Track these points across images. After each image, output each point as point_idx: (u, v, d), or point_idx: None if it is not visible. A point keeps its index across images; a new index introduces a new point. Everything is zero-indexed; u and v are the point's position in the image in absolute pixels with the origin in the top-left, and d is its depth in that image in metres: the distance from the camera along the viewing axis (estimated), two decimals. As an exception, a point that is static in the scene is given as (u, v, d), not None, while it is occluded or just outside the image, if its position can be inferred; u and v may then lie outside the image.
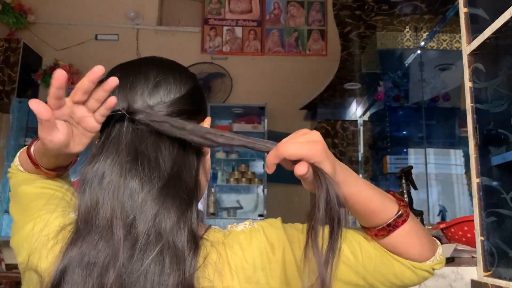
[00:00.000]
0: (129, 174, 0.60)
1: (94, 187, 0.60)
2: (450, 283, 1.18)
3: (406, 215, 0.64)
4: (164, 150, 0.62)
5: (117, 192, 0.59)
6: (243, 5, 4.98)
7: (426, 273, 0.68)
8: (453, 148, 3.10)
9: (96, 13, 4.84)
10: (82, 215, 0.59)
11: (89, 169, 0.62)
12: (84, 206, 0.60)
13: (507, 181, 1.12)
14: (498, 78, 1.15)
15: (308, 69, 4.80)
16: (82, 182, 0.62)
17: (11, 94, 4.20)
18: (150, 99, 0.63)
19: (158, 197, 0.59)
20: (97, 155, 0.63)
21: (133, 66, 0.70)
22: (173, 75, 0.68)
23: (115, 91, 0.62)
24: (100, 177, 0.61)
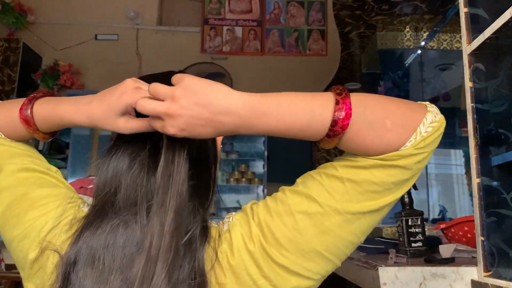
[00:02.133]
0: (152, 161, 0.60)
1: (117, 172, 0.61)
2: (450, 283, 1.18)
3: (346, 117, 0.54)
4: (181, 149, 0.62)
5: (140, 177, 0.60)
6: (243, 5, 4.98)
7: (410, 158, 0.56)
8: (453, 148, 3.10)
9: (96, 13, 4.85)
10: (99, 198, 0.61)
11: (109, 156, 0.64)
12: (103, 189, 0.61)
13: (507, 181, 1.12)
14: (499, 78, 1.15)
15: (308, 69, 4.80)
16: (102, 164, 0.63)
17: (11, 94, 4.20)
18: None
19: (173, 195, 0.59)
20: (118, 146, 0.65)
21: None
22: None
23: None
24: (123, 163, 0.62)
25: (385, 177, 0.56)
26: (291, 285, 0.58)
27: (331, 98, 0.55)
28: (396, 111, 0.56)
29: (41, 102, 0.68)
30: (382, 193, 0.57)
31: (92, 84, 4.63)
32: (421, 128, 0.56)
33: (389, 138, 0.55)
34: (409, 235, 1.48)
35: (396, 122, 0.55)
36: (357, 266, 1.43)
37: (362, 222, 0.58)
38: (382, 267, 1.19)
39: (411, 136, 0.55)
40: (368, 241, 1.74)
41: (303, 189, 0.58)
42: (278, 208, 0.58)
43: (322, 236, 0.57)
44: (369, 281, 1.28)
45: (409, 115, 0.56)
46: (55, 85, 4.47)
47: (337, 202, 0.56)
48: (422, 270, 1.19)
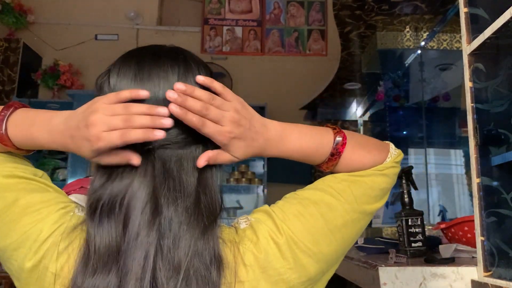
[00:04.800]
0: (152, 198, 0.57)
1: (113, 213, 0.58)
2: (450, 283, 1.18)
3: (344, 139, 0.69)
4: (187, 166, 0.61)
5: (137, 219, 0.57)
6: (243, 5, 4.98)
7: (392, 169, 0.72)
8: (453, 148, 3.10)
9: (96, 13, 4.85)
10: (98, 245, 0.57)
11: (104, 190, 0.60)
12: (103, 237, 0.57)
13: (507, 181, 1.12)
14: (499, 78, 1.15)
15: (308, 69, 4.80)
16: (97, 206, 0.59)
17: (11, 94, 4.20)
18: None
19: (183, 218, 0.58)
20: (113, 176, 0.60)
21: (147, 61, 0.64)
22: (195, 74, 0.64)
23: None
24: (119, 201, 0.58)
25: (382, 184, 0.71)
26: (315, 274, 0.63)
27: (329, 129, 0.71)
28: (370, 138, 0.75)
29: (14, 123, 0.65)
30: (378, 198, 0.71)
31: (92, 84, 4.55)
32: (391, 149, 0.74)
33: (374, 154, 0.71)
34: (409, 235, 1.48)
35: (376, 144, 0.73)
36: (357, 266, 1.43)
37: (363, 223, 0.70)
38: (382, 267, 1.19)
39: (388, 154, 0.72)
40: (368, 241, 1.74)
41: (324, 187, 0.68)
42: (302, 201, 0.65)
43: (342, 228, 0.66)
44: (369, 281, 1.28)
45: (380, 143, 0.74)
46: (55, 85, 4.47)
47: (355, 201, 0.67)
48: (422, 270, 1.19)
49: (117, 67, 0.65)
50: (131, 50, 0.68)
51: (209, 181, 0.62)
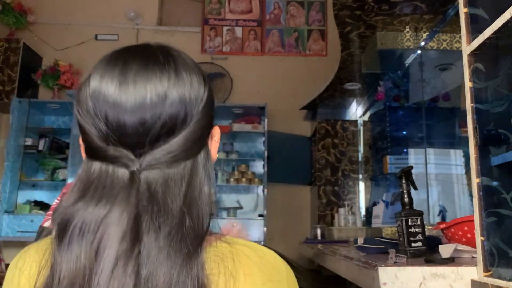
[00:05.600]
0: (133, 225, 0.51)
1: (86, 240, 0.51)
2: (450, 283, 1.18)
3: None
4: (173, 187, 0.55)
5: (114, 248, 0.51)
6: (243, 5, 4.98)
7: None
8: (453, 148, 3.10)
9: (96, 13, 4.85)
10: (64, 274, 0.51)
11: (77, 211, 0.53)
12: (68, 262, 0.51)
13: (507, 181, 1.12)
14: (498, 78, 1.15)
15: (308, 69, 4.81)
16: (67, 226, 0.52)
17: (11, 94, 4.20)
18: (159, 129, 0.55)
19: (165, 245, 0.52)
20: (88, 195, 0.54)
21: (135, 64, 0.56)
22: (186, 85, 0.58)
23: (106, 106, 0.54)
24: (94, 226, 0.52)
25: None
26: None
27: None
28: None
29: None
30: None
31: (92, 84, 4.63)
32: None
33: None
34: (409, 235, 1.48)
35: None
36: (357, 266, 1.43)
37: None
38: (382, 267, 1.19)
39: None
40: (368, 241, 1.74)
41: None
42: None
43: None
44: (369, 281, 1.28)
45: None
46: (55, 85, 4.47)
47: None
48: (422, 270, 1.19)
49: (99, 70, 0.57)
50: (115, 51, 0.59)
51: (196, 198, 0.56)
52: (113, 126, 0.54)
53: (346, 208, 3.95)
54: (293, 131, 4.71)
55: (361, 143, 4.35)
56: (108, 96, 0.54)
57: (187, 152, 0.56)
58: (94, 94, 0.55)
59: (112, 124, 0.54)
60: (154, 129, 0.54)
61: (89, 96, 0.55)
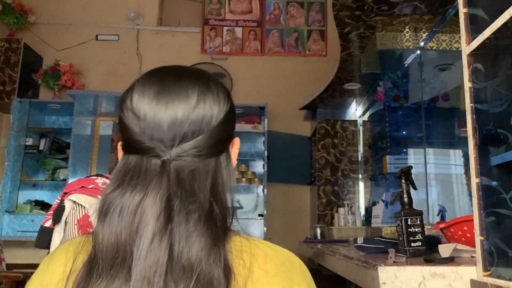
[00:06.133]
0: (166, 206, 0.59)
1: (125, 219, 0.60)
2: (450, 283, 1.18)
3: None
4: (199, 179, 0.64)
5: (149, 226, 0.58)
6: (243, 5, 4.98)
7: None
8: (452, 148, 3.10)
9: (96, 13, 4.85)
10: (106, 247, 0.59)
11: (116, 196, 0.62)
12: (110, 238, 0.60)
13: (506, 181, 1.12)
14: (498, 78, 1.15)
15: (308, 69, 4.81)
16: (108, 209, 0.61)
17: (11, 94, 4.21)
18: (188, 127, 0.64)
19: (195, 227, 0.60)
20: (125, 183, 0.63)
21: (170, 81, 0.67)
22: (214, 95, 0.67)
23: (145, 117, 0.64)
24: (132, 208, 0.60)
25: None
26: None
27: None
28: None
29: None
30: None
31: (93, 84, 4.64)
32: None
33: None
34: (408, 234, 1.48)
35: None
36: (357, 266, 1.43)
37: None
38: (382, 267, 1.19)
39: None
40: (368, 240, 1.75)
41: None
42: None
43: None
44: (368, 280, 1.28)
45: None
46: (56, 85, 4.47)
47: None
48: (421, 270, 1.19)
49: (140, 84, 0.68)
50: (155, 69, 0.71)
51: (220, 192, 0.65)
52: (150, 126, 0.64)
53: (346, 207, 3.95)
54: (293, 131, 4.71)
55: (361, 143, 4.35)
56: (146, 109, 0.65)
57: (210, 149, 0.65)
58: (136, 104, 0.65)
59: (149, 124, 0.64)
60: (183, 129, 0.64)
61: (132, 103, 0.66)
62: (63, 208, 1.43)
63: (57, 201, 1.46)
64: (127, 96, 0.68)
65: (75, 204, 1.42)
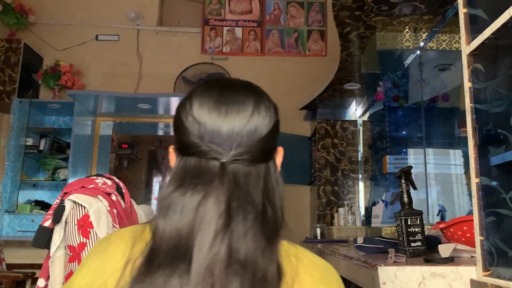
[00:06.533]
0: (226, 205, 0.63)
1: (187, 214, 0.63)
2: (450, 283, 1.18)
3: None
4: (253, 182, 0.68)
5: (212, 223, 0.62)
6: (243, 5, 4.98)
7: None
8: (452, 148, 3.10)
9: (96, 13, 4.85)
10: (166, 239, 0.63)
11: (177, 195, 0.65)
12: (170, 232, 0.63)
13: (506, 181, 1.12)
14: (498, 78, 1.15)
15: (308, 69, 4.81)
16: (169, 207, 0.65)
17: (12, 94, 4.21)
18: (244, 136, 0.69)
19: (252, 228, 0.63)
20: (186, 183, 0.66)
21: (227, 91, 0.73)
22: (266, 108, 0.74)
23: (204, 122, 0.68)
24: (195, 206, 0.64)
25: None
26: None
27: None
28: None
29: None
30: None
31: (93, 84, 4.64)
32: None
33: None
34: (408, 234, 1.48)
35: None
36: (357, 266, 1.43)
37: None
38: (382, 267, 1.20)
39: None
40: (368, 240, 1.75)
41: None
42: None
43: None
44: (368, 280, 1.28)
45: None
46: (56, 85, 4.47)
47: None
48: (421, 270, 1.19)
49: (199, 93, 0.72)
50: (213, 80, 0.76)
51: (271, 195, 0.70)
52: (209, 132, 0.68)
53: (346, 207, 3.95)
54: (293, 131, 4.71)
55: (361, 143, 4.35)
56: (206, 116, 0.69)
57: (261, 155, 0.70)
58: (197, 111, 0.70)
59: (208, 131, 0.68)
60: (239, 137, 0.69)
61: (192, 110, 0.70)
62: (63, 208, 1.43)
63: (57, 201, 1.46)
64: (186, 102, 0.72)
65: (75, 204, 1.42)
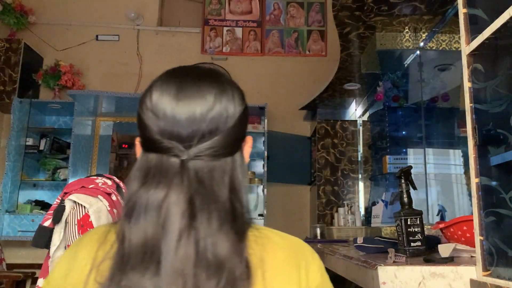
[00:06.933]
0: (189, 204, 0.62)
1: (151, 216, 0.62)
2: (449, 283, 1.18)
3: None
4: (218, 178, 0.66)
5: (175, 223, 0.61)
6: (243, 5, 4.98)
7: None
8: (452, 148, 3.10)
9: (96, 13, 4.85)
10: (134, 242, 0.62)
11: (141, 194, 0.64)
12: (139, 236, 0.62)
13: (506, 181, 1.12)
14: (497, 79, 1.15)
15: (308, 69, 4.81)
16: (133, 207, 0.64)
17: (12, 94, 4.21)
18: (205, 127, 0.66)
19: (218, 225, 0.62)
20: (148, 181, 0.65)
21: (189, 81, 0.69)
22: (229, 96, 0.70)
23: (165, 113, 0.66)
24: (157, 205, 0.62)
25: None
26: None
27: None
28: None
29: None
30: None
31: (93, 84, 4.64)
32: None
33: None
34: (408, 234, 1.48)
35: None
36: (357, 266, 1.43)
37: None
38: (382, 267, 1.20)
39: None
40: (368, 240, 1.75)
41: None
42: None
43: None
44: (368, 280, 1.29)
45: None
46: (56, 85, 4.47)
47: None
48: (421, 270, 1.19)
49: (159, 83, 0.69)
50: (174, 69, 0.73)
51: (238, 190, 0.68)
52: (169, 125, 0.66)
53: (346, 207, 3.95)
54: (293, 131, 4.72)
55: (361, 143, 4.36)
56: (166, 108, 0.66)
57: (225, 149, 0.67)
58: (156, 103, 0.67)
59: (168, 122, 0.66)
60: (201, 129, 0.66)
61: (151, 102, 0.68)
62: (63, 208, 1.43)
63: (57, 201, 1.46)
64: (146, 95, 0.70)
65: (75, 204, 1.42)
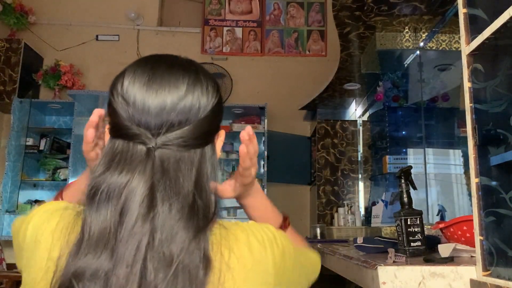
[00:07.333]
0: (149, 193, 0.61)
1: (111, 202, 0.61)
2: (449, 283, 1.18)
3: (288, 223, 0.91)
4: (184, 169, 0.64)
5: (134, 213, 0.60)
6: (243, 6, 4.98)
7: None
8: (452, 148, 3.10)
9: (96, 13, 4.86)
10: (94, 229, 0.61)
11: (104, 179, 0.63)
12: (97, 220, 0.61)
13: (506, 181, 1.12)
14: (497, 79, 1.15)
15: (307, 69, 4.81)
16: (96, 192, 0.62)
17: (12, 94, 4.21)
18: (175, 116, 0.65)
19: (178, 217, 0.61)
20: (112, 167, 0.64)
21: (162, 69, 0.68)
22: (203, 87, 0.69)
23: (137, 102, 0.65)
24: (118, 192, 0.61)
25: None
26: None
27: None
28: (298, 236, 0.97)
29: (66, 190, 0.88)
30: None
31: (93, 84, 4.64)
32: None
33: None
34: (408, 234, 1.48)
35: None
36: (357, 266, 1.44)
37: None
38: (382, 267, 1.20)
39: None
40: (367, 240, 1.75)
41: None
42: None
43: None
44: (368, 280, 1.29)
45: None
46: (56, 85, 4.47)
47: None
48: (421, 270, 1.19)
49: (131, 70, 0.69)
50: (147, 56, 0.72)
51: (205, 185, 0.66)
52: (138, 113, 0.64)
53: (346, 207, 3.95)
54: (293, 131, 4.72)
55: (361, 143, 4.36)
56: (136, 95, 0.66)
57: (195, 140, 0.66)
58: (127, 89, 0.66)
59: (137, 109, 0.65)
60: (170, 119, 0.64)
61: (122, 88, 0.67)
62: (63, 208, 1.43)
63: (58, 201, 1.46)
64: (118, 81, 0.69)
65: (75, 204, 1.42)
